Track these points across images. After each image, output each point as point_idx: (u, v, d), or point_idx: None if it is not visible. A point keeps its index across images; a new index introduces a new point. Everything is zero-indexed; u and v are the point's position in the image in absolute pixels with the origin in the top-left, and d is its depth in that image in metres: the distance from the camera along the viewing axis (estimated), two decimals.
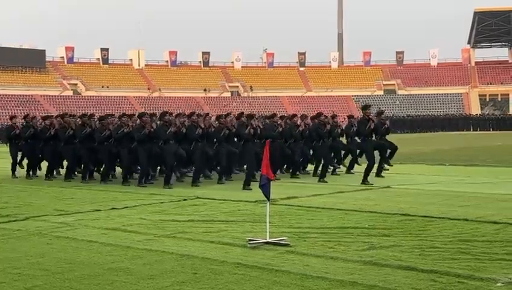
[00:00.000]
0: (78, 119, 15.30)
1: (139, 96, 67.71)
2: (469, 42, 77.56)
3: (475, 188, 11.60)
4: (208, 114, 15.03)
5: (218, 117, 14.13)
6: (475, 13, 75.14)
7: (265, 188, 6.80)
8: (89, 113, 16.32)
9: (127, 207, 9.74)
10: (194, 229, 7.54)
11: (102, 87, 68.33)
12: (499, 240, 6.63)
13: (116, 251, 6.33)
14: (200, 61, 76.98)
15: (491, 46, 79.84)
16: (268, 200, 6.92)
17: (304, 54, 79.75)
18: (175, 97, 68.16)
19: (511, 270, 5.27)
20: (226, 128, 13.42)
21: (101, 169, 14.93)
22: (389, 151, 14.45)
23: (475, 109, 68.55)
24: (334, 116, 15.40)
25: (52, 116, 16.37)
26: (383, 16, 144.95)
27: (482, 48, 79.76)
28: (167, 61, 75.88)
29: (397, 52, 79.35)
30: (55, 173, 15.66)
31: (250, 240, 6.57)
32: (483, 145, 28.64)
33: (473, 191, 11.31)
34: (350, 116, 15.72)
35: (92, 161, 14.68)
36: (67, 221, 8.38)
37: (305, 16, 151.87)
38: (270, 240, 6.55)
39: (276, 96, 71.10)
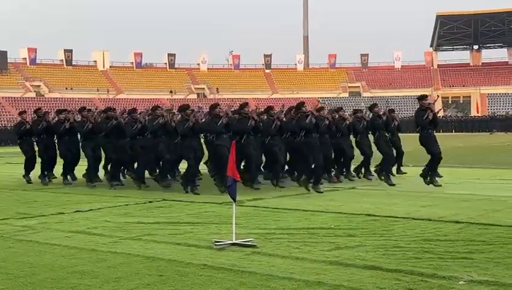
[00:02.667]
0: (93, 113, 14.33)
1: (104, 98, 67.00)
2: (432, 45, 78.82)
3: (437, 189, 11.78)
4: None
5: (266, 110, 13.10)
6: (437, 17, 76.43)
7: (231, 190, 6.80)
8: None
9: (91, 210, 9.63)
10: (160, 231, 7.50)
11: (66, 88, 67.43)
12: (460, 239, 6.75)
13: (80, 254, 6.25)
14: (166, 63, 76.57)
15: (453, 49, 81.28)
16: (235, 202, 6.92)
17: (269, 56, 80.00)
18: (140, 99, 67.62)
19: (472, 269, 5.37)
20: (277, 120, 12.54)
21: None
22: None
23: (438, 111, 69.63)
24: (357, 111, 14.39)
25: (67, 110, 14.83)
26: (348, 19, 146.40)
27: (444, 51, 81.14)
28: (132, 62, 75.27)
29: (362, 55, 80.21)
30: (69, 177, 14.22)
31: (216, 242, 6.56)
32: (445, 147, 29.03)
33: (436, 191, 11.48)
34: (356, 111, 14.53)
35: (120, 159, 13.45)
36: (30, 224, 8.24)
37: (271, 18, 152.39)
38: (236, 242, 6.55)
39: (242, 98, 71.04)
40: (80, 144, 13.96)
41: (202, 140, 12.86)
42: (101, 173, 14.27)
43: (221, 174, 11.32)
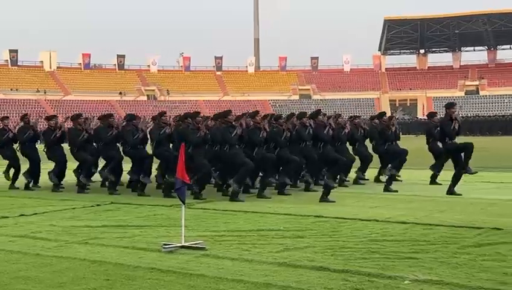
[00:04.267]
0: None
1: (50, 100, 65.64)
2: (380, 49, 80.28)
3: (387, 191, 11.91)
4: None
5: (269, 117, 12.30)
6: (385, 21, 77.91)
7: (180, 192, 6.75)
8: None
9: (36, 213, 9.40)
10: (108, 235, 7.38)
11: (11, 90, 65.74)
12: (406, 240, 6.88)
13: (24, 259, 6.09)
14: (115, 64, 75.63)
15: (400, 53, 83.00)
16: (184, 204, 6.88)
17: (220, 58, 80.00)
18: (89, 100, 66.58)
19: (417, 269, 5.48)
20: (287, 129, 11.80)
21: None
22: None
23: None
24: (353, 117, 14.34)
25: (55, 116, 13.85)
26: (298, 22, 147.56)
27: (392, 54, 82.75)
28: (80, 63, 74.04)
29: (312, 58, 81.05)
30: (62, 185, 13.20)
31: (165, 245, 6.50)
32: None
33: (383, 192, 11.67)
34: (355, 117, 14.43)
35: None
36: None
37: (222, 20, 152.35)
38: (185, 244, 6.50)
39: (193, 100, 70.91)
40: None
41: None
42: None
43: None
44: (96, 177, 13.38)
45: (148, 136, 12.26)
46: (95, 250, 6.48)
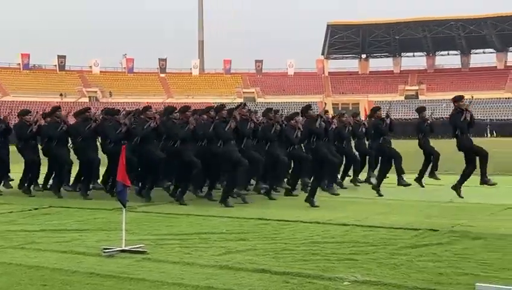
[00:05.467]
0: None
1: None
2: (323, 53, 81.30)
3: (326, 193, 12.05)
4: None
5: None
6: (328, 26, 78.98)
7: (121, 195, 6.66)
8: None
9: None
10: (45, 239, 7.20)
11: None
12: (347, 241, 6.99)
13: None
14: (56, 65, 73.91)
15: (343, 58, 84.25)
16: (125, 207, 6.78)
17: (164, 60, 79.31)
18: (28, 102, 64.82)
19: (356, 270, 5.57)
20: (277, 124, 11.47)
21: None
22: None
23: None
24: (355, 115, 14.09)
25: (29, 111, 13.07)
26: (243, 25, 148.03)
27: (335, 59, 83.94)
28: (19, 64, 72.06)
29: (256, 61, 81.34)
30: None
31: (105, 249, 6.39)
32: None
33: (324, 195, 11.77)
34: (355, 115, 14.18)
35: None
36: None
37: (167, 22, 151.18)
38: (126, 248, 6.41)
39: (136, 102, 69.92)
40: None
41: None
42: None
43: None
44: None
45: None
46: (32, 255, 6.32)
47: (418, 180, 12.99)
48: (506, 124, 55.17)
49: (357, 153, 13.75)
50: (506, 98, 65.96)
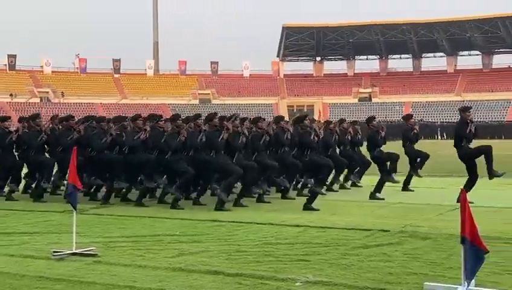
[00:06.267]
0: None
1: None
2: (278, 56, 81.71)
3: (279, 195, 12.09)
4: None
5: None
6: (283, 28, 79.43)
7: (71, 197, 6.56)
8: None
9: None
10: None
11: None
12: (299, 242, 7.05)
13: None
14: (6, 64, 72.16)
15: (298, 60, 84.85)
16: (75, 210, 6.68)
17: (118, 60, 78.36)
18: None
19: (309, 270, 5.63)
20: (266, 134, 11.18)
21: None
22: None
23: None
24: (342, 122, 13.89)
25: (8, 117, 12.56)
26: (197, 26, 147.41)
27: (290, 61, 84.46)
28: None
29: (212, 63, 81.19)
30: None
31: (55, 252, 6.28)
32: None
33: (277, 197, 11.81)
34: (342, 121, 13.98)
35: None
36: None
37: (121, 22, 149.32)
38: (76, 251, 6.32)
39: (89, 103, 68.97)
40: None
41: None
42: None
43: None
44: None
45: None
46: None
47: (405, 186, 12.85)
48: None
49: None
50: (456, 101, 67.51)
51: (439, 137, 53.63)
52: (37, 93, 70.54)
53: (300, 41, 79.85)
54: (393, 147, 13.82)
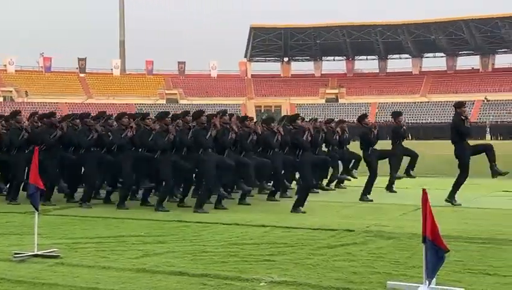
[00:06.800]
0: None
1: None
2: (246, 56, 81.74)
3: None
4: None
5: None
6: (251, 28, 79.47)
7: (33, 198, 6.45)
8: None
9: None
10: None
11: None
12: (265, 242, 7.05)
13: None
14: None
15: (265, 61, 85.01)
16: (37, 211, 6.57)
17: (84, 59, 77.40)
18: None
19: (273, 270, 5.63)
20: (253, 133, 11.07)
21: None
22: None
23: None
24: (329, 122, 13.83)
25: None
26: (164, 25, 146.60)
27: (257, 61, 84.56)
28: None
29: (179, 63, 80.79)
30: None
31: (16, 254, 6.17)
32: None
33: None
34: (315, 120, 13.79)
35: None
36: None
37: (86, 21, 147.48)
38: (38, 253, 6.21)
39: (54, 103, 67.98)
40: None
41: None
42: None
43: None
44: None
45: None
46: None
47: (389, 187, 12.78)
48: (421, 127, 57.25)
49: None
50: (421, 102, 68.53)
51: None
52: (0, 93, 69.28)
53: (267, 42, 79.96)
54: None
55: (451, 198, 10.50)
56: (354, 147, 13.35)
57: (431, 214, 4.67)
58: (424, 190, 4.88)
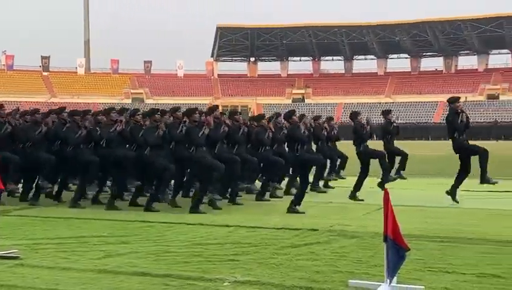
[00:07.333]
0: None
1: None
2: (212, 55, 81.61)
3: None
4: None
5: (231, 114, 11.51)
6: (217, 28, 79.43)
7: None
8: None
9: None
10: None
11: None
12: (229, 242, 7.04)
13: None
14: None
15: (232, 60, 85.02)
16: None
17: (48, 58, 76.28)
18: None
19: (237, 270, 5.62)
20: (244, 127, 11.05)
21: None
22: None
23: None
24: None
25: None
26: (131, 25, 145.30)
27: (224, 61, 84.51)
28: None
29: (145, 62, 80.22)
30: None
31: None
32: None
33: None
34: (317, 118, 13.85)
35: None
36: None
37: (50, 19, 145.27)
38: None
39: (16, 102, 66.79)
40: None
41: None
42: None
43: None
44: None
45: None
46: None
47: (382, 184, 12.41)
48: None
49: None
50: (385, 103, 69.32)
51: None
52: None
53: (234, 42, 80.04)
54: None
55: (452, 193, 10.60)
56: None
57: (392, 213, 4.72)
58: (385, 189, 4.95)
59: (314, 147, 12.83)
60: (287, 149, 11.02)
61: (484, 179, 10.63)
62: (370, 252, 6.40)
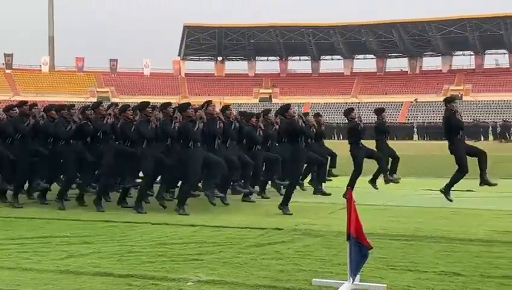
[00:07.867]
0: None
1: None
2: (179, 54, 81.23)
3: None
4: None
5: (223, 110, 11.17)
6: (185, 27, 79.10)
7: None
8: None
9: None
10: None
11: None
12: (194, 242, 7.03)
13: None
14: None
15: (199, 60, 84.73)
16: None
17: (10, 55, 74.93)
18: None
19: (201, 270, 5.62)
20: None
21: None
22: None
23: None
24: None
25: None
26: (96, 22, 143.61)
27: (191, 60, 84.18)
28: None
29: (111, 60, 79.42)
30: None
31: None
32: None
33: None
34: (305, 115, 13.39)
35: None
36: None
37: (13, 16, 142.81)
38: None
39: None
40: None
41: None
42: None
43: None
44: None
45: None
46: None
47: (373, 181, 12.30)
48: None
49: None
50: (351, 103, 69.89)
51: (336, 137, 55.26)
52: None
53: (201, 41, 79.79)
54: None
55: (445, 193, 10.60)
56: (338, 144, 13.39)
57: (355, 212, 4.77)
58: (348, 189, 4.99)
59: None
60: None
61: (484, 181, 10.69)
62: (334, 251, 6.45)
